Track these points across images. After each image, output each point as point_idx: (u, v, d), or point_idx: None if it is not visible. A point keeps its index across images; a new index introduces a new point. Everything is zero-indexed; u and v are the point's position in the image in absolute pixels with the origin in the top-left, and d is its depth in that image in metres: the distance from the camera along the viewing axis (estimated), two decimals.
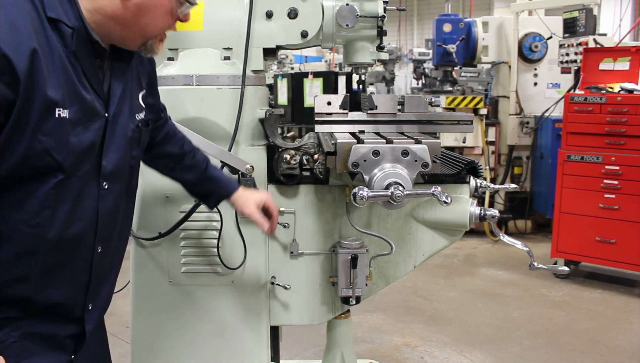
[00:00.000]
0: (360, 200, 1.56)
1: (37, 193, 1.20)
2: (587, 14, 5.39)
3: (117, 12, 1.25)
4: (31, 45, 1.11)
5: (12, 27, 1.09)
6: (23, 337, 1.26)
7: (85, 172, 1.27)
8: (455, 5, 17.98)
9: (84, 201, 1.29)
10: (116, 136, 1.34)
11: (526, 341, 3.77)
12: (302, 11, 2.08)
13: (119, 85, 1.35)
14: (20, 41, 1.10)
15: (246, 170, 2.04)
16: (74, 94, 1.20)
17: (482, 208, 2.03)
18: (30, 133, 1.14)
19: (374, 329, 3.93)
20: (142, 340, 2.22)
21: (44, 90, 1.13)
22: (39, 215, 1.21)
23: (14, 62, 1.08)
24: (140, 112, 1.45)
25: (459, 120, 2.00)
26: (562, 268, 2.17)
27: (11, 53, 1.08)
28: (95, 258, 1.36)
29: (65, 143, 1.19)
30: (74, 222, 1.28)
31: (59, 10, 1.19)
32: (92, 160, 1.29)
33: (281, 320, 2.26)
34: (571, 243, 4.76)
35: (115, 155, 1.35)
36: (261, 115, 2.14)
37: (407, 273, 2.24)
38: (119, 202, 1.42)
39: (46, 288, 1.28)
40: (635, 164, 4.44)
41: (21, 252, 1.22)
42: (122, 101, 1.35)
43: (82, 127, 1.23)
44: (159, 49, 1.39)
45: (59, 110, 1.17)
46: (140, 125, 1.45)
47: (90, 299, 1.39)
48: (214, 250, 2.13)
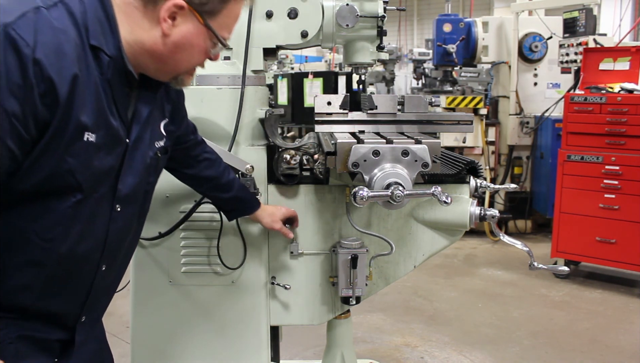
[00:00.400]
0: (360, 200, 1.56)
1: (54, 209, 1.24)
2: (587, 14, 5.39)
3: (155, 47, 1.29)
4: (73, 71, 1.15)
5: (59, 53, 1.13)
6: (18, 339, 1.29)
7: (101, 194, 1.31)
8: (455, 5, 17.97)
9: (95, 221, 1.32)
10: (135, 162, 1.38)
11: (526, 341, 3.77)
12: (302, 11, 2.08)
13: (143, 113, 1.39)
14: (65, 66, 1.14)
15: (246, 170, 2.04)
16: (103, 119, 1.25)
17: (482, 208, 2.03)
18: (59, 153, 1.18)
19: (374, 329, 3.93)
20: (142, 340, 2.22)
21: (78, 114, 1.17)
22: (52, 231, 1.25)
23: (57, 85, 1.12)
24: (160, 140, 1.49)
25: (459, 120, 2.00)
26: (562, 268, 2.17)
27: (56, 77, 1.12)
28: (98, 275, 1.40)
29: (88, 166, 1.24)
30: (84, 240, 1.31)
31: (101, 39, 1.23)
32: (109, 183, 1.33)
33: (281, 320, 2.26)
34: (571, 243, 4.76)
35: (132, 180, 1.38)
36: (261, 115, 2.14)
37: (407, 273, 2.24)
38: (129, 224, 1.46)
39: (45, 299, 1.32)
40: (635, 164, 4.44)
41: (29, 262, 1.26)
42: (144, 129, 1.39)
43: (105, 151, 1.28)
44: (188, 83, 1.44)
45: (88, 134, 1.21)
46: (159, 153, 1.49)
47: (86, 312, 1.43)
48: (214, 250, 2.13)
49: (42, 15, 1.13)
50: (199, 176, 1.87)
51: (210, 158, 1.88)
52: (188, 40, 1.31)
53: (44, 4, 1.16)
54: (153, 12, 1.26)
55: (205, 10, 1.29)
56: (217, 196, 1.96)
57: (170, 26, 1.27)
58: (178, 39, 1.29)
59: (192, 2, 1.26)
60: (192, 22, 1.29)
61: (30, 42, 1.09)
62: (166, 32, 1.27)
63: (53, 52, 1.12)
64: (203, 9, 1.28)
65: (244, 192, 1.98)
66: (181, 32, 1.29)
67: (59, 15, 1.17)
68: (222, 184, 1.91)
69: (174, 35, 1.28)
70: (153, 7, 1.25)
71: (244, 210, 2.01)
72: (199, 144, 1.86)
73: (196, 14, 1.28)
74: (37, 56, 1.09)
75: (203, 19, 1.29)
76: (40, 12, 1.13)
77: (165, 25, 1.26)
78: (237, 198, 1.96)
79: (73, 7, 1.20)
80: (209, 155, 1.88)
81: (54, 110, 1.14)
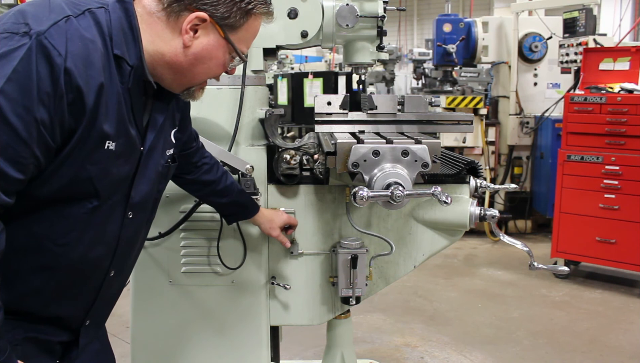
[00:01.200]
0: (360, 200, 1.56)
1: (69, 215, 1.26)
2: (587, 14, 5.39)
3: (175, 58, 1.31)
4: (100, 80, 1.18)
5: (87, 62, 1.15)
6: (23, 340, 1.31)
7: (115, 201, 1.33)
8: (455, 5, 17.97)
9: (108, 227, 1.35)
10: (148, 170, 1.40)
11: (526, 341, 3.77)
12: (302, 11, 2.07)
13: (157, 122, 1.41)
14: (92, 75, 1.16)
15: (246, 170, 2.04)
16: (123, 128, 1.27)
17: (482, 208, 2.03)
18: (80, 161, 1.20)
19: (374, 329, 3.93)
20: (142, 340, 2.22)
21: (102, 123, 1.20)
22: (66, 236, 1.27)
23: (84, 95, 1.15)
24: (170, 148, 1.51)
25: (459, 120, 2.00)
26: (562, 268, 2.17)
27: (84, 86, 1.14)
28: (106, 281, 1.42)
29: (107, 173, 1.26)
30: (96, 246, 1.33)
31: (124, 48, 1.25)
32: (123, 190, 1.35)
33: (281, 320, 2.26)
34: (571, 243, 4.75)
35: (144, 187, 1.41)
36: (261, 115, 2.14)
37: (407, 273, 2.24)
38: (139, 231, 1.48)
39: (53, 303, 1.34)
40: (635, 164, 4.44)
41: (42, 267, 1.28)
42: (157, 137, 1.42)
43: (124, 159, 1.30)
44: (199, 96, 1.47)
45: (109, 142, 1.23)
46: (169, 161, 1.52)
47: (90, 316, 1.45)
48: (214, 250, 2.13)
49: (73, 24, 1.16)
50: (197, 181, 1.88)
51: (208, 163, 1.89)
52: (208, 52, 1.33)
53: (73, 12, 1.18)
54: (175, 23, 1.28)
55: (226, 24, 1.31)
56: (216, 201, 1.96)
57: (192, 38, 1.30)
58: (198, 51, 1.32)
59: (215, 16, 1.29)
60: (213, 35, 1.31)
61: (62, 51, 1.11)
62: (187, 43, 1.30)
63: (82, 62, 1.14)
64: (225, 23, 1.31)
65: (243, 197, 1.98)
66: (202, 44, 1.31)
67: (87, 24, 1.19)
68: (220, 189, 1.91)
69: (195, 47, 1.31)
70: (176, 19, 1.28)
71: (243, 214, 2.02)
72: (199, 150, 1.87)
73: (218, 28, 1.31)
74: (68, 65, 1.11)
75: (224, 32, 1.32)
76: (70, 22, 1.16)
77: (186, 37, 1.29)
78: (235, 202, 1.96)
79: (100, 17, 1.22)
80: (208, 160, 1.89)
81: (80, 119, 1.16)
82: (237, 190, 1.96)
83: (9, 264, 1.18)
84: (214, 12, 1.28)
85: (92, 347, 1.51)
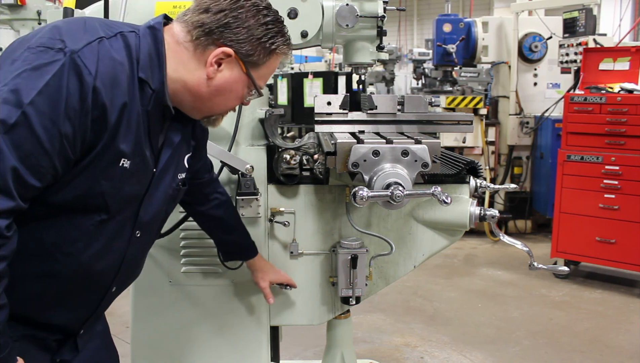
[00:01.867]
0: (360, 200, 1.56)
1: (78, 225, 1.29)
2: (587, 14, 5.39)
3: (197, 88, 1.36)
4: (124, 100, 1.23)
5: (114, 82, 1.21)
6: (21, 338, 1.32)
7: (124, 217, 1.36)
8: (455, 5, 17.97)
9: (115, 243, 1.37)
10: (158, 191, 1.43)
11: (526, 341, 3.77)
12: (302, 11, 2.07)
13: (171, 145, 1.44)
14: (117, 95, 1.21)
15: (246, 170, 2.04)
16: (139, 148, 1.31)
17: (482, 208, 2.02)
18: (95, 176, 1.24)
19: (374, 329, 3.93)
20: (142, 340, 2.22)
21: (120, 141, 1.24)
22: (72, 245, 1.30)
23: (108, 113, 1.20)
24: (182, 172, 1.54)
25: (459, 120, 2.00)
26: (562, 268, 2.17)
27: (109, 105, 1.19)
28: (107, 296, 1.44)
29: (119, 190, 1.29)
30: (101, 259, 1.35)
31: (149, 73, 1.29)
32: (133, 208, 1.38)
33: (281, 320, 2.26)
34: (571, 243, 4.75)
35: (153, 208, 1.44)
36: (261, 115, 2.14)
37: (407, 273, 2.24)
38: (144, 251, 1.52)
39: (51, 311, 1.36)
40: (635, 164, 4.44)
41: (45, 273, 1.30)
42: (170, 160, 1.45)
43: (136, 178, 1.34)
44: (219, 123, 1.51)
45: (124, 160, 1.27)
46: (180, 185, 1.54)
47: (85, 327, 1.47)
48: (214, 250, 2.12)
49: (105, 45, 1.21)
50: (207, 214, 1.90)
51: (221, 198, 1.91)
52: (229, 85, 1.38)
53: (106, 34, 1.24)
54: (202, 55, 1.34)
55: (249, 61, 1.37)
56: (220, 236, 1.98)
57: (215, 71, 1.34)
58: (220, 84, 1.36)
59: (240, 52, 1.34)
60: (236, 70, 1.37)
61: (92, 70, 1.16)
62: (211, 75, 1.34)
63: (109, 82, 1.19)
64: (248, 60, 1.36)
65: (245, 239, 2.00)
66: (224, 78, 1.36)
67: (119, 46, 1.25)
68: (228, 226, 1.94)
69: (218, 80, 1.36)
70: (202, 51, 1.33)
71: (240, 255, 2.04)
72: (212, 182, 1.90)
73: (241, 63, 1.36)
74: (97, 84, 1.17)
75: (246, 68, 1.37)
76: (103, 43, 1.22)
77: (211, 70, 1.34)
78: (236, 242, 1.99)
79: (130, 40, 1.28)
80: (221, 195, 1.91)
81: (102, 135, 1.20)
82: (242, 230, 1.98)
83: (13, 267, 1.19)
84: (240, 49, 1.34)
85: (91, 344, 1.53)
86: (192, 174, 1.71)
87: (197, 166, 1.75)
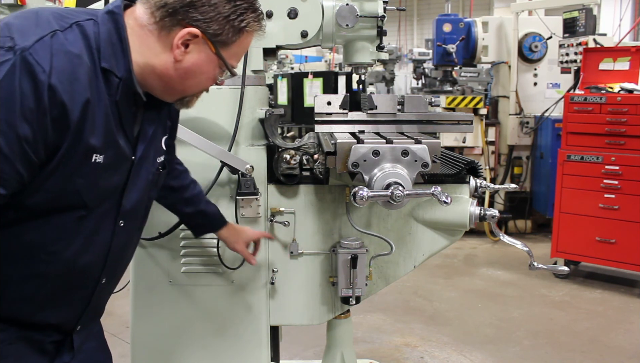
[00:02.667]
0: (360, 200, 1.56)
1: (57, 224, 1.26)
2: (587, 14, 5.39)
3: (165, 71, 1.31)
4: (85, 96, 1.17)
5: (73, 78, 1.14)
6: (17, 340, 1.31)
7: (105, 209, 1.33)
8: (455, 5, 17.97)
9: (99, 235, 1.34)
10: (139, 178, 1.40)
11: (526, 341, 3.77)
12: (302, 11, 2.08)
13: (148, 131, 1.41)
14: (77, 91, 1.15)
15: (246, 170, 2.04)
16: (111, 140, 1.26)
17: (482, 208, 2.03)
18: (67, 175, 1.20)
19: (374, 329, 3.93)
20: (142, 340, 2.22)
21: (88, 137, 1.19)
22: (55, 244, 1.27)
23: (69, 111, 1.14)
24: (161, 155, 1.51)
25: (459, 120, 2.00)
26: (562, 268, 2.17)
27: (68, 102, 1.13)
28: (98, 288, 1.42)
29: (94, 185, 1.26)
30: (86, 253, 1.33)
31: (112, 61, 1.24)
32: (114, 199, 1.35)
33: (281, 320, 2.26)
34: (571, 243, 4.76)
35: (136, 195, 1.40)
36: (261, 115, 2.14)
37: (407, 273, 2.24)
38: (130, 239, 1.49)
39: (44, 310, 1.34)
40: (635, 164, 4.44)
41: (32, 274, 1.28)
42: (149, 146, 1.41)
43: (112, 170, 1.30)
44: (193, 104, 1.46)
45: (96, 155, 1.22)
46: (160, 168, 1.51)
47: (82, 322, 1.45)
48: (214, 250, 2.13)
49: (58, 39, 1.15)
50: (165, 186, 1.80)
51: (178, 169, 1.86)
52: (198, 67, 1.32)
53: (60, 26, 1.17)
54: (167, 37, 1.27)
55: (218, 41, 1.30)
56: (182, 209, 1.91)
57: (183, 53, 1.29)
58: (189, 66, 1.31)
59: (207, 32, 1.28)
60: (205, 50, 1.31)
61: (46, 68, 1.10)
62: (178, 58, 1.29)
63: (67, 78, 1.13)
64: (216, 39, 1.30)
65: (209, 207, 1.93)
66: (192, 59, 1.30)
67: (74, 38, 1.18)
68: (187, 197, 1.87)
69: (186, 62, 1.30)
70: (168, 33, 1.27)
71: (208, 227, 1.96)
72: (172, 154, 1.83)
73: (209, 43, 1.30)
74: (52, 82, 1.10)
75: (215, 48, 1.31)
76: (57, 36, 1.15)
77: (177, 52, 1.28)
78: (201, 213, 1.91)
79: (87, 29, 1.21)
80: (178, 166, 1.87)
81: (65, 134, 1.15)
82: (204, 200, 1.93)
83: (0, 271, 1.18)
84: (207, 29, 1.27)
85: (88, 345, 1.52)
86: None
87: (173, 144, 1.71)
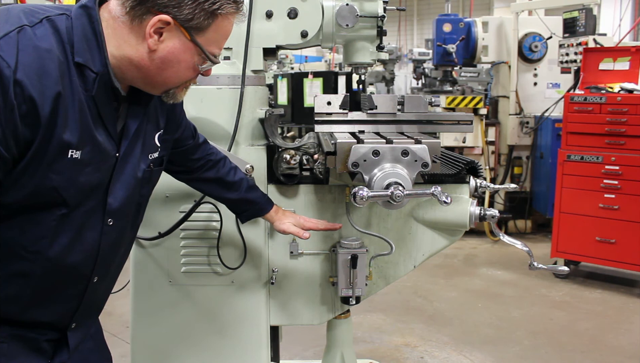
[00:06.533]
0: (360, 200, 1.56)
1: (39, 222, 1.24)
2: (587, 14, 5.39)
3: (142, 62, 1.28)
4: (56, 90, 1.15)
5: (41, 72, 1.13)
6: (9, 337, 1.30)
7: (90, 207, 1.31)
8: (455, 5, 17.98)
9: (86, 234, 1.32)
10: (124, 175, 1.37)
11: (526, 341, 3.77)
12: (302, 11, 2.08)
13: (132, 126, 1.38)
14: (47, 85, 1.13)
15: (246, 170, 2.04)
16: (89, 136, 1.24)
17: (482, 208, 2.03)
18: (42, 171, 1.18)
19: (374, 329, 3.93)
20: (142, 340, 2.22)
21: (61, 133, 1.17)
22: (38, 243, 1.25)
23: (38, 105, 1.12)
24: (154, 151, 1.49)
25: (458, 120, 2.00)
26: (562, 268, 2.17)
27: (37, 97, 1.12)
28: (90, 286, 1.40)
29: (73, 182, 1.24)
30: (73, 252, 1.31)
31: (87, 55, 1.22)
32: (99, 196, 1.33)
33: (281, 320, 2.26)
34: (571, 243, 4.76)
35: (122, 193, 1.38)
36: (261, 115, 2.14)
37: (407, 273, 2.24)
38: (122, 237, 1.46)
39: (33, 310, 1.32)
40: (635, 164, 4.44)
41: (16, 273, 1.26)
42: (134, 142, 1.39)
43: (93, 167, 1.27)
44: (180, 97, 1.43)
45: (72, 151, 1.20)
46: (152, 165, 1.48)
47: (76, 320, 1.43)
48: (214, 250, 2.13)
49: (26, 34, 1.13)
50: (201, 178, 1.86)
51: (212, 159, 1.86)
52: (175, 55, 1.29)
53: (29, 22, 1.15)
54: (139, 27, 1.25)
55: (192, 26, 1.27)
56: (224, 197, 1.92)
57: (157, 42, 1.26)
58: (164, 55, 1.28)
59: (178, 18, 1.25)
60: (179, 37, 1.28)
61: (11, 63, 1.09)
62: (152, 47, 1.26)
63: (35, 72, 1.11)
64: (190, 25, 1.27)
65: (253, 193, 1.93)
66: (167, 48, 1.28)
67: (44, 33, 1.17)
68: (227, 184, 1.88)
69: (161, 51, 1.27)
70: (139, 22, 1.24)
71: (255, 212, 1.96)
72: (200, 146, 1.84)
73: (183, 30, 1.27)
74: (18, 77, 1.09)
75: (190, 34, 1.28)
76: (24, 32, 1.13)
77: (151, 41, 1.25)
78: (245, 199, 1.92)
79: (59, 24, 1.20)
80: (213, 156, 1.86)
81: (36, 129, 1.13)
82: (247, 186, 1.92)
83: None
84: (178, 15, 1.24)
85: (85, 345, 1.50)
86: (174, 144, 1.67)
87: (177, 135, 1.69)
